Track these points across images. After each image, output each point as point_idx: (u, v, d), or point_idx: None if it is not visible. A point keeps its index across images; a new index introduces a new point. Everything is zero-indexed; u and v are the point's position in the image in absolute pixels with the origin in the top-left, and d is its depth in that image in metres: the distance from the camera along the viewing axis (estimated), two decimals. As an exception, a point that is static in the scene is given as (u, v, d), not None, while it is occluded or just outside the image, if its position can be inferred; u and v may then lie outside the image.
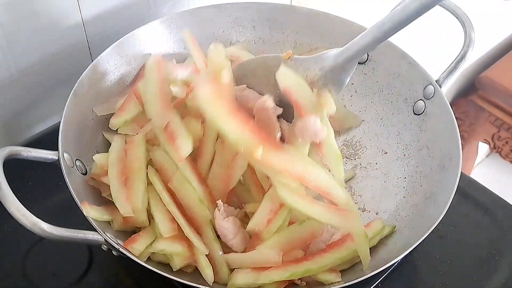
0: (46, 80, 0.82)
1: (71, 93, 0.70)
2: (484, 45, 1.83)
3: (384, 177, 0.78)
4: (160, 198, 0.65)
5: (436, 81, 0.76)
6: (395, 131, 0.80)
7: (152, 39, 0.81)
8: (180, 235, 0.64)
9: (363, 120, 0.84)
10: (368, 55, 0.83)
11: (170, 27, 0.82)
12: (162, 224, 0.64)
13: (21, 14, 0.73)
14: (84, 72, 0.73)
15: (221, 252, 0.64)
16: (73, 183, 0.63)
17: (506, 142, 1.87)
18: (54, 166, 0.64)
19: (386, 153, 0.80)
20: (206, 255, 0.63)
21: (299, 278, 0.65)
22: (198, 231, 0.65)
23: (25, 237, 0.72)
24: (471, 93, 1.90)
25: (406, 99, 0.79)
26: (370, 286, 0.69)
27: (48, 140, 0.68)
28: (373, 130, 0.83)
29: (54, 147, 0.64)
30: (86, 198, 0.65)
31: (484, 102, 1.86)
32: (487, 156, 2.12)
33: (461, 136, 0.70)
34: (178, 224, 0.64)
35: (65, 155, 0.65)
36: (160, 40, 0.82)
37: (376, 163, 0.80)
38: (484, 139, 1.91)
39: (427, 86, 0.76)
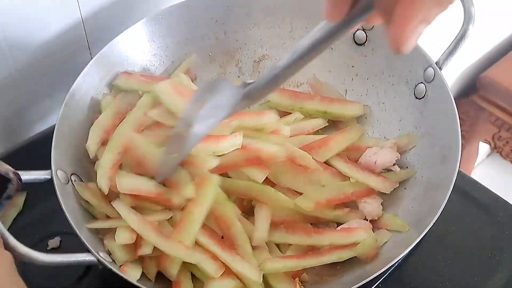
0: (46, 79, 0.82)
1: (62, 107, 0.69)
2: (484, 44, 1.82)
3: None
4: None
5: (436, 63, 0.73)
6: (397, 117, 0.79)
7: (143, 38, 0.80)
8: (227, 269, 0.63)
9: (366, 105, 0.82)
10: (366, 36, 0.81)
11: (160, 23, 0.81)
12: (208, 264, 0.62)
13: (20, 13, 0.73)
14: (74, 83, 0.72)
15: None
16: (67, 202, 0.62)
17: (507, 142, 1.87)
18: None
19: (388, 140, 0.78)
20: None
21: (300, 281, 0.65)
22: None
23: (26, 237, 0.72)
24: (472, 93, 1.89)
25: (407, 81, 0.77)
26: (371, 286, 0.69)
27: (48, 140, 0.67)
28: (375, 116, 0.81)
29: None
30: (81, 217, 0.64)
31: (485, 102, 1.86)
32: (487, 156, 2.12)
33: (462, 136, 0.69)
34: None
35: (59, 172, 0.64)
36: (152, 37, 0.81)
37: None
38: (485, 139, 1.91)
39: (427, 68, 0.74)
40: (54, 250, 0.72)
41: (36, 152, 0.70)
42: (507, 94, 1.77)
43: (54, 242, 0.72)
